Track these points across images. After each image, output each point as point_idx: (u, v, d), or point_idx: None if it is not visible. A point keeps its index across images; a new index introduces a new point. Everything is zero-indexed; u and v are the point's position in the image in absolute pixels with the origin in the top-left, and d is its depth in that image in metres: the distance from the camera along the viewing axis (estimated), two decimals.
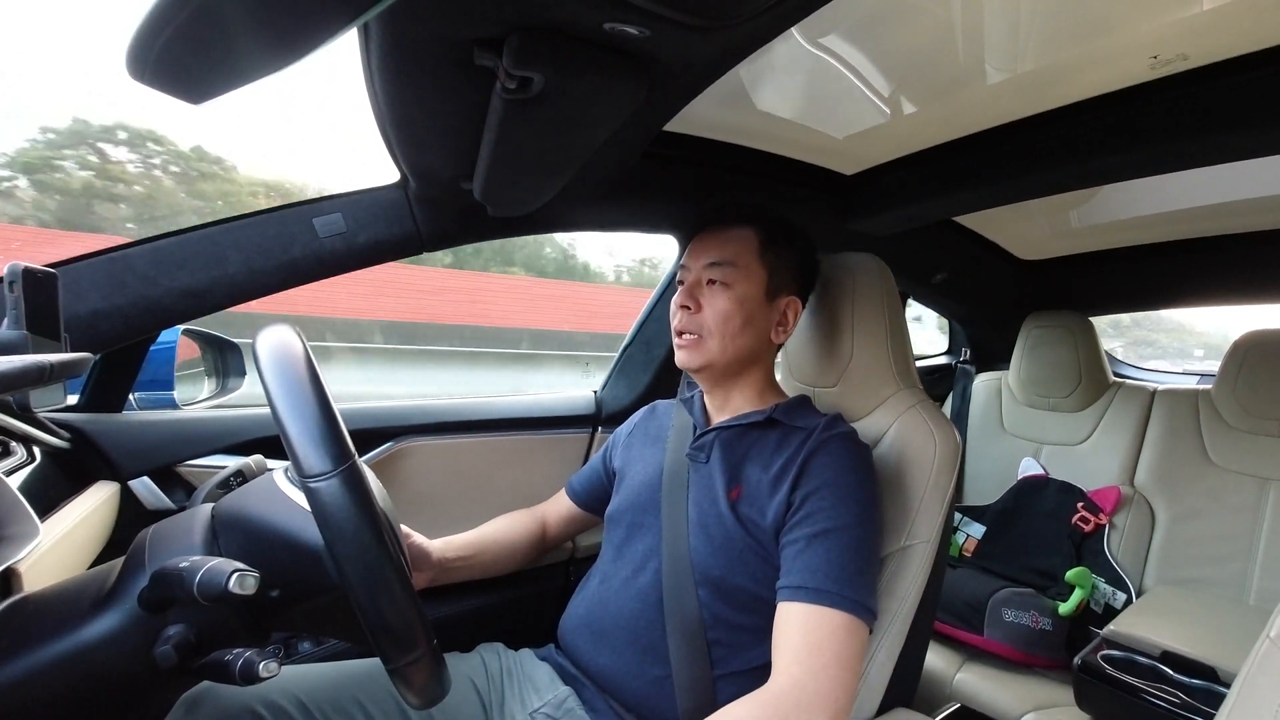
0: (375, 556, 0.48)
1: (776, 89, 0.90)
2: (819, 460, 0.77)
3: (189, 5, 0.38)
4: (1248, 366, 1.43)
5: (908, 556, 0.81)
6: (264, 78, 0.47)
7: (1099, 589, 1.41)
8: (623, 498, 0.91)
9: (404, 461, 1.08)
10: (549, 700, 0.80)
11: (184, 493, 0.91)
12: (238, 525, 0.55)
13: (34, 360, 0.46)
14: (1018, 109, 0.94)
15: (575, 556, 1.21)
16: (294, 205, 0.91)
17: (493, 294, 8.36)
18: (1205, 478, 1.44)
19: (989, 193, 1.07)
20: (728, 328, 0.84)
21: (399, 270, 6.78)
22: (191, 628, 0.50)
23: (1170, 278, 1.64)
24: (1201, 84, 0.80)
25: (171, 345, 1.01)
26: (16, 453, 0.71)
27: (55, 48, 11.53)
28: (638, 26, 0.51)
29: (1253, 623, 0.89)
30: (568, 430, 1.26)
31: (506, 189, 0.85)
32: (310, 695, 0.71)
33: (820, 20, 0.62)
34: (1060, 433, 1.69)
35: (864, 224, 1.25)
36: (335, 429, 0.49)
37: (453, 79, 0.59)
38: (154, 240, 0.85)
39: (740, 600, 0.77)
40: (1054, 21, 0.72)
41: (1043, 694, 1.24)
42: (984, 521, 1.62)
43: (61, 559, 0.66)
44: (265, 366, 0.50)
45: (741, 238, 0.86)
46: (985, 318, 1.92)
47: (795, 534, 0.74)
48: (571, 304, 8.88)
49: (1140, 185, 1.26)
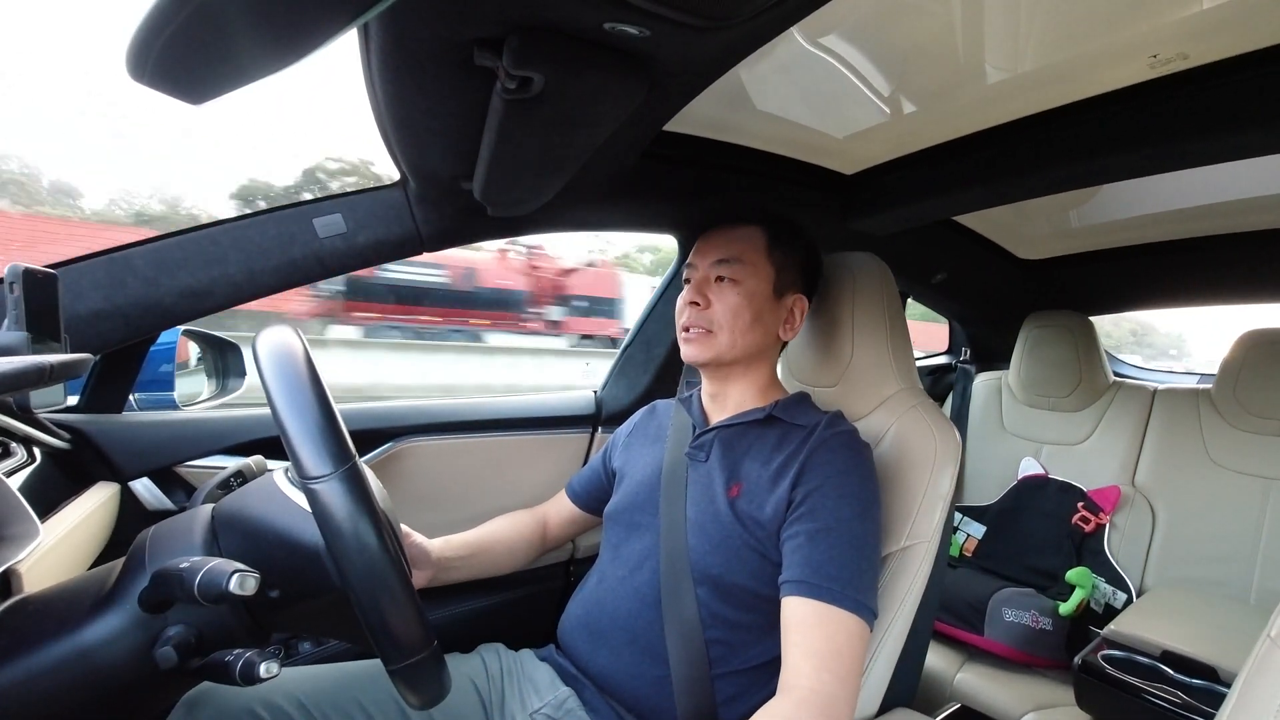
0: (376, 558, 0.48)
1: (776, 89, 0.90)
2: (820, 458, 0.77)
3: (189, 5, 0.38)
4: (1248, 366, 1.43)
5: (908, 556, 0.81)
6: (264, 78, 0.47)
7: (1099, 589, 1.41)
8: (621, 497, 0.91)
9: (404, 461, 1.08)
10: (549, 701, 0.80)
11: (184, 493, 0.91)
12: (238, 526, 0.55)
13: (34, 360, 0.46)
14: (1018, 109, 0.94)
15: (575, 556, 1.22)
16: (294, 205, 0.91)
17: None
18: (1206, 477, 1.44)
19: (989, 193, 1.07)
20: (738, 322, 0.84)
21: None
22: (192, 628, 0.50)
23: (1170, 278, 1.64)
24: (1201, 84, 0.80)
25: (171, 345, 1.01)
26: (17, 453, 0.71)
27: (55, 47, 11.56)
28: (638, 26, 0.51)
29: (1253, 622, 0.89)
30: (568, 430, 1.26)
31: (506, 189, 0.85)
32: (310, 696, 0.72)
33: (820, 20, 0.62)
34: (1060, 432, 1.68)
35: (864, 224, 1.25)
36: (335, 430, 0.49)
37: (453, 79, 0.59)
38: (154, 240, 0.85)
39: (738, 598, 0.77)
40: (1054, 21, 0.72)
41: (1043, 694, 1.24)
42: (984, 521, 1.62)
43: (61, 559, 0.66)
44: (265, 367, 0.50)
45: (748, 236, 0.87)
46: (985, 318, 1.92)
47: (796, 529, 0.74)
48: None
49: (1140, 185, 1.26)
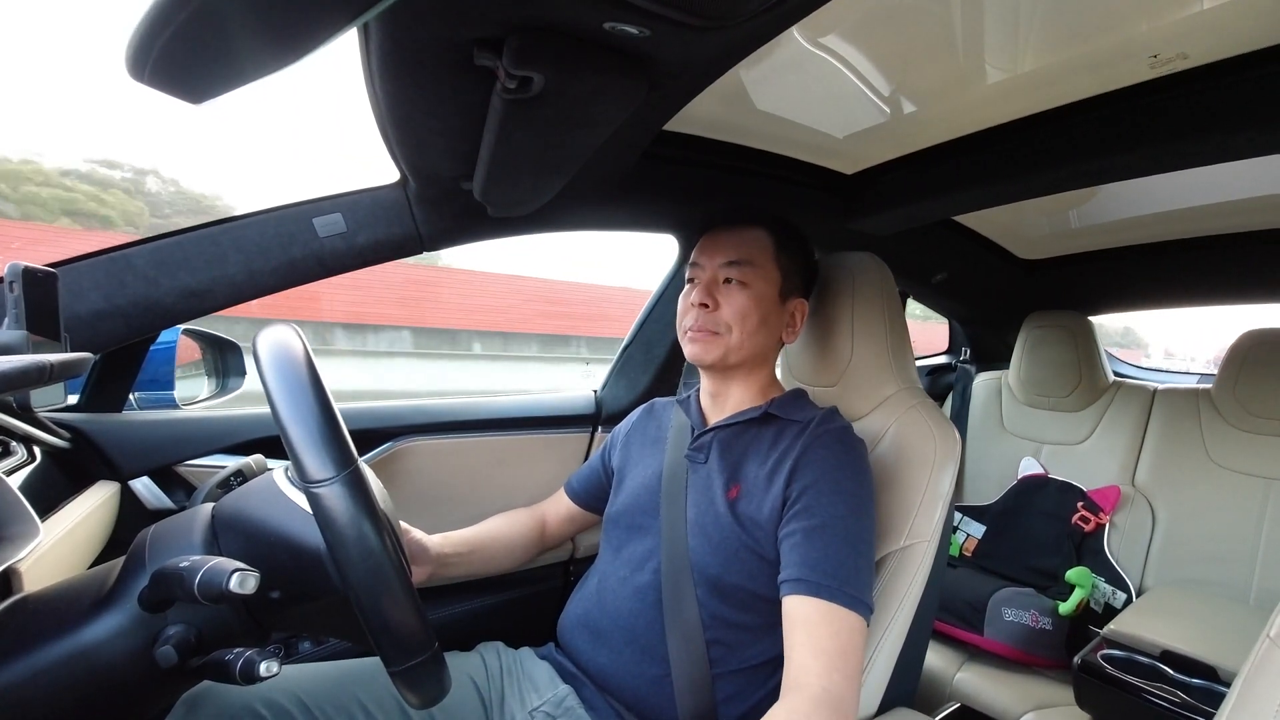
0: (377, 561, 0.47)
1: (776, 89, 0.90)
2: (814, 454, 0.77)
3: (189, 5, 0.38)
4: (1248, 366, 1.43)
5: (907, 556, 0.81)
6: (264, 78, 0.47)
7: (1099, 588, 1.41)
8: (621, 500, 0.91)
9: (404, 461, 1.08)
10: (549, 699, 0.80)
11: (184, 493, 0.91)
12: (238, 525, 0.55)
13: (34, 360, 0.46)
14: (1018, 109, 0.94)
15: (575, 556, 1.22)
16: (294, 205, 0.91)
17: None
18: (1206, 477, 1.44)
19: (989, 193, 1.07)
20: (746, 325, 0.84)
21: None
22: (192, 627, 0.50)
23: (1170, 278, 1.64)
24: (1201, 84, 0.80)
25: (171, 345, 1.01)
26: (16, 453, 0.71)
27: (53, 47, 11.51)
28: (638, 26, 0.51)
29: (1253, 622, 0.89)
30: (567, 430, 1.26)
31: (506, 189, 0.84)
32: (311, 695, 0.72)
33: (820, 20, 0.62)
34: (1060, 432, 1.68)
35: (864, 224, 1.25)
36: (337, 433, 0.49)
37: (452, 79, 0.59)
38: (154, 240, 0.85)
39: (738, 599, 0.77)
40: (1054, 21, 0.72)
41: (1043, 694, 1.24)
42: (984, 521, 1.62)
43: (61, 559, 0.66)
44: (266, 368, 0.50)
45: (756, 238, 0.87)
46: (985, 318, 1.92)
47: (793, 526, 0.74)
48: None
49: (1140, 185, 1.26)
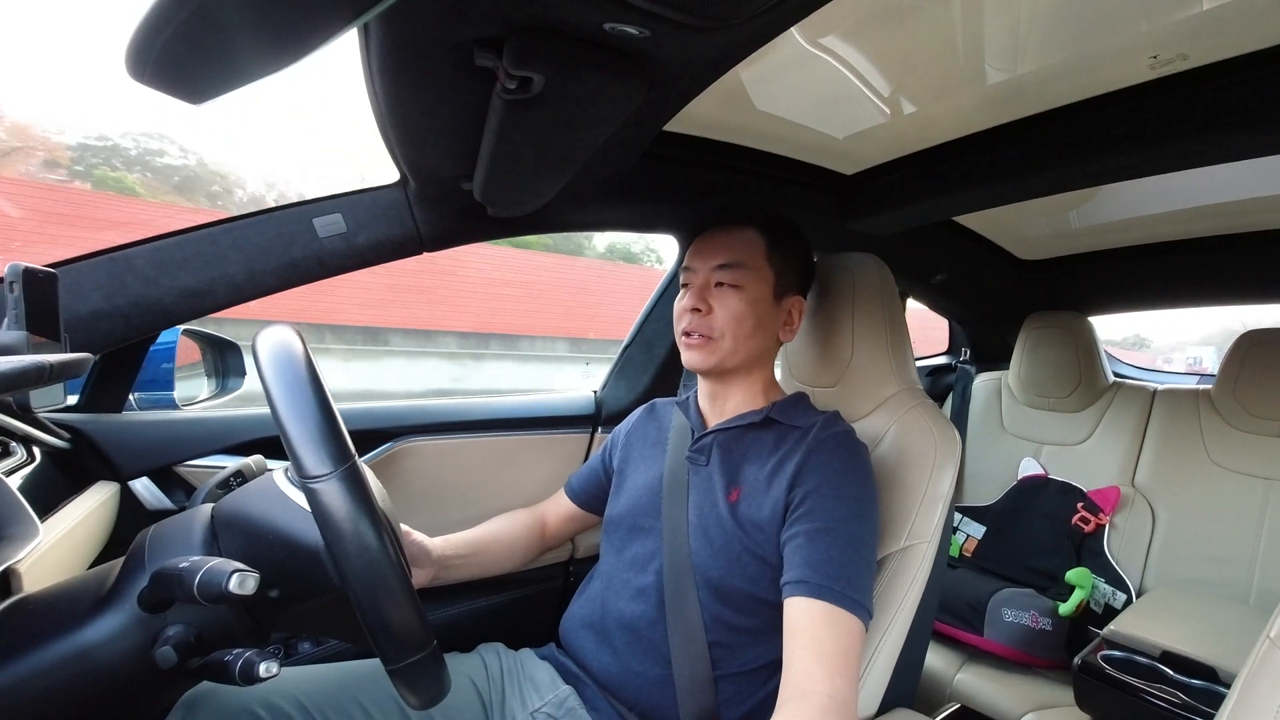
0: (375, 558, 0.47)
1: (776, 89, 0.90)
2: (817, 459, 0.77)
3: (189, 5, 0.38)
4: (1248, 366, 1.43)
5: (907, 556, 0.81)
6: (264, 78, 0.47)
7: (1099, 589, 1.41)
8: (622, 502, 0.91)
9: (403, 461, 1.08)
10: (550, 700, 0.80)
11: (184, 493, 0.91)
12: (237, 525, 0.55)
13: (34, 360, 0.46)
14: (1018, 109, 0.94)
15: (575, 556, 1.22)
16: (294, 205, 0.91)
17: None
18: (1206, 478, 1.43)
19: (989, 193, 1.07)
20: (740, 329, 0.83)
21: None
22: (191, 628, 0.50)
23: (1170, 278, 1.64)
24: (1201, 84, 0.80)
25: (171, 345, 1.01)
26: (16, 453, 0.71)
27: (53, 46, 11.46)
28: (638, 26, 0.51)
29: (1253, 623, 0.89)
30: (567, 430, 1.26)
31: (506, 189, 0.85)
32: (310, 696, 0.72)
33: (820, 20, 0.62)
34: (1060, 433, 1.68)
35: (864, 224, 1.25)
36: (335, 429, 0.49)
37: (453, 79, 0.59)
38: (154, 240, 0.85)
39: (739, 602, 0.77)
40: (1054, 21, 0.72)
41: (1043, 694, 1.24)
42: (984, 521, 1.62)
43: (61, 559, 0.66)
44: (265, 367, 0.50)
45: (748, 239, 0.86)
46: (985, 318, 1.92)
47: (795, 529, 0.74)
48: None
49: (1140, 185, 1.26)
